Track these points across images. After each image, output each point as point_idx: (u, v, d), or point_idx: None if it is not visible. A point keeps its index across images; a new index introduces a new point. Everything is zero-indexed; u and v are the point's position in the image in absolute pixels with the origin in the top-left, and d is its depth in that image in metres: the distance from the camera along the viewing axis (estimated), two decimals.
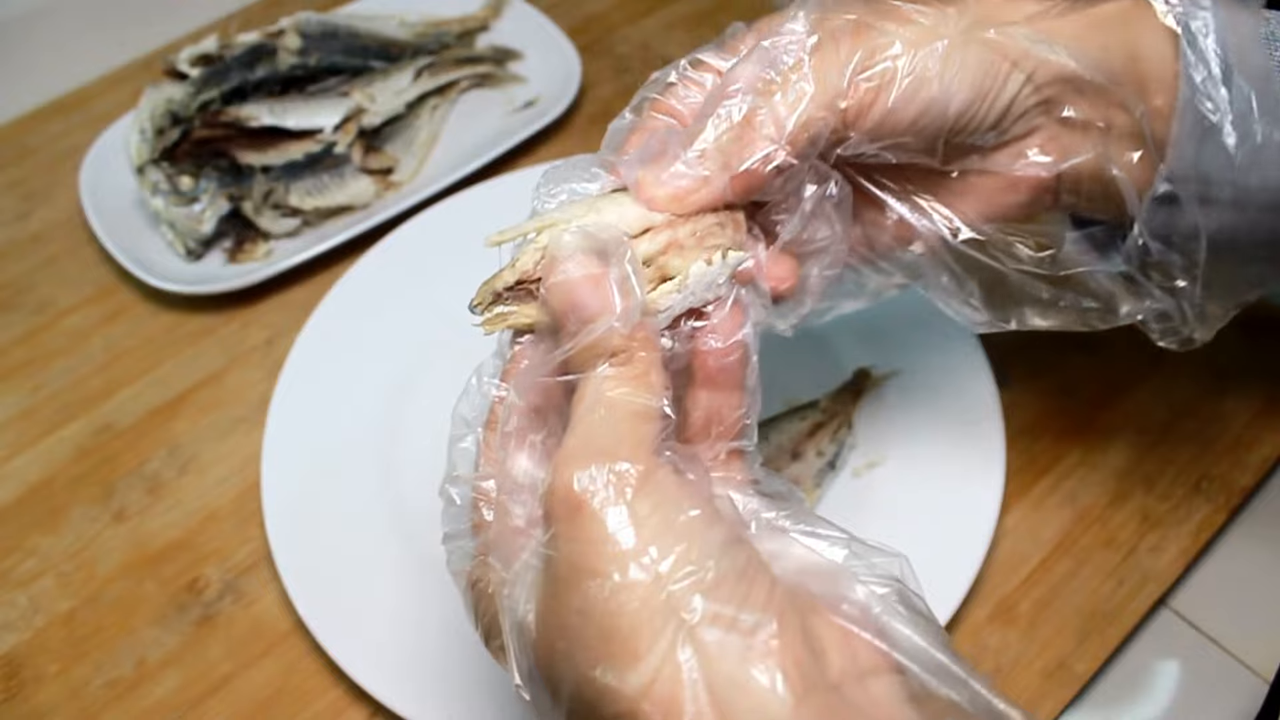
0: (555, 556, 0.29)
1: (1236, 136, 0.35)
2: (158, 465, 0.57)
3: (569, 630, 0.29)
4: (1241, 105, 0.35)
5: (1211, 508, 0.52)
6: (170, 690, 0.49)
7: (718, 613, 0.28)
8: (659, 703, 0.27)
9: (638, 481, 0.29)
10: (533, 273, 0.35)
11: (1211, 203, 0.36)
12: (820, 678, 0.28)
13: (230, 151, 0.65)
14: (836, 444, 0.52)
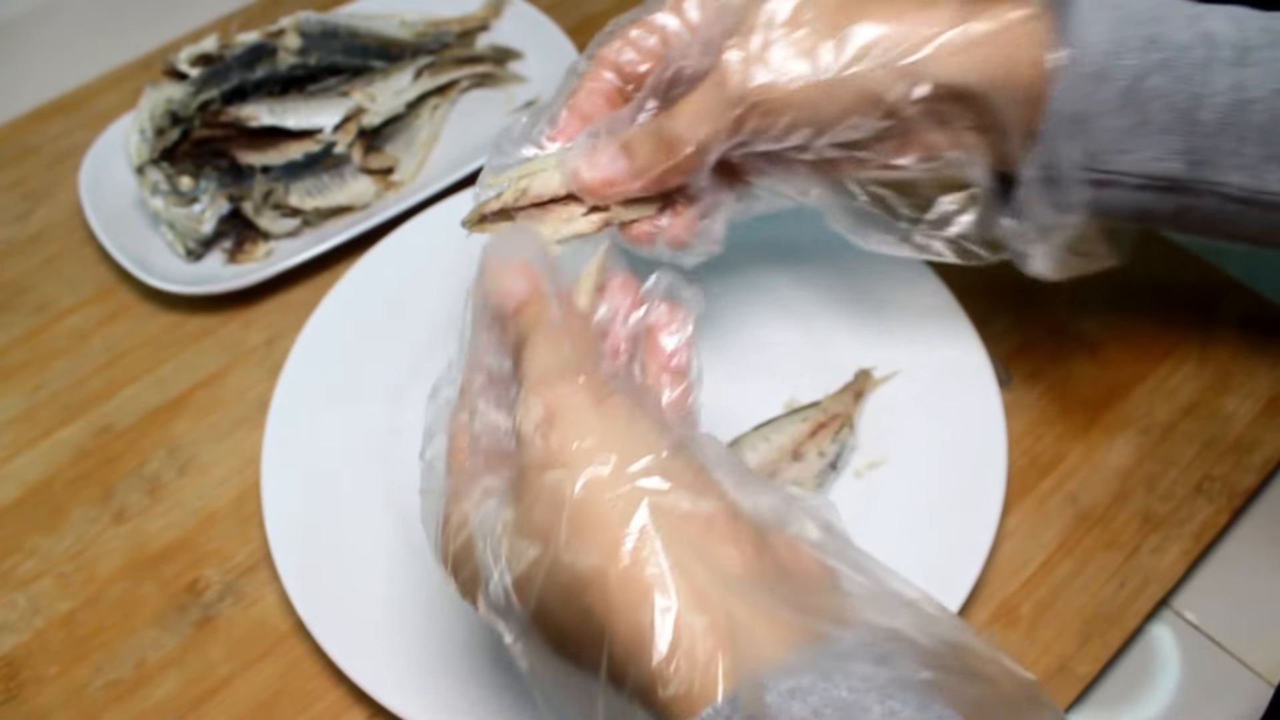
0: (528, 464, 0.33)
1: (1100, 132, 0.41)
2: (158, 466, 0.57)
3: (542, 526, 0.32)
4: (1110, 102, 0.40)
5: (1214, 509, 0.52)
6: (170, 692, 0.49)
7: (677, 499, 0.31)
8: (626, 577, 0.30)
9: (596, 395, 0.33)
10: (511, 203, 0.46)
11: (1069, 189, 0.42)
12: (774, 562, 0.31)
13: (230, 151, 0.65)
14: (838, 445, 0.52)
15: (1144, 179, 0.42)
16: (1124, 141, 0.41)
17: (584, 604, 0.31)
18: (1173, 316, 0.58)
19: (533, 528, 0.32)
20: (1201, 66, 0.40)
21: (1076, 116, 0.41)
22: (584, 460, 0.32)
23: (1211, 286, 0.60)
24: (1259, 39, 0.40)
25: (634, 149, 0.44)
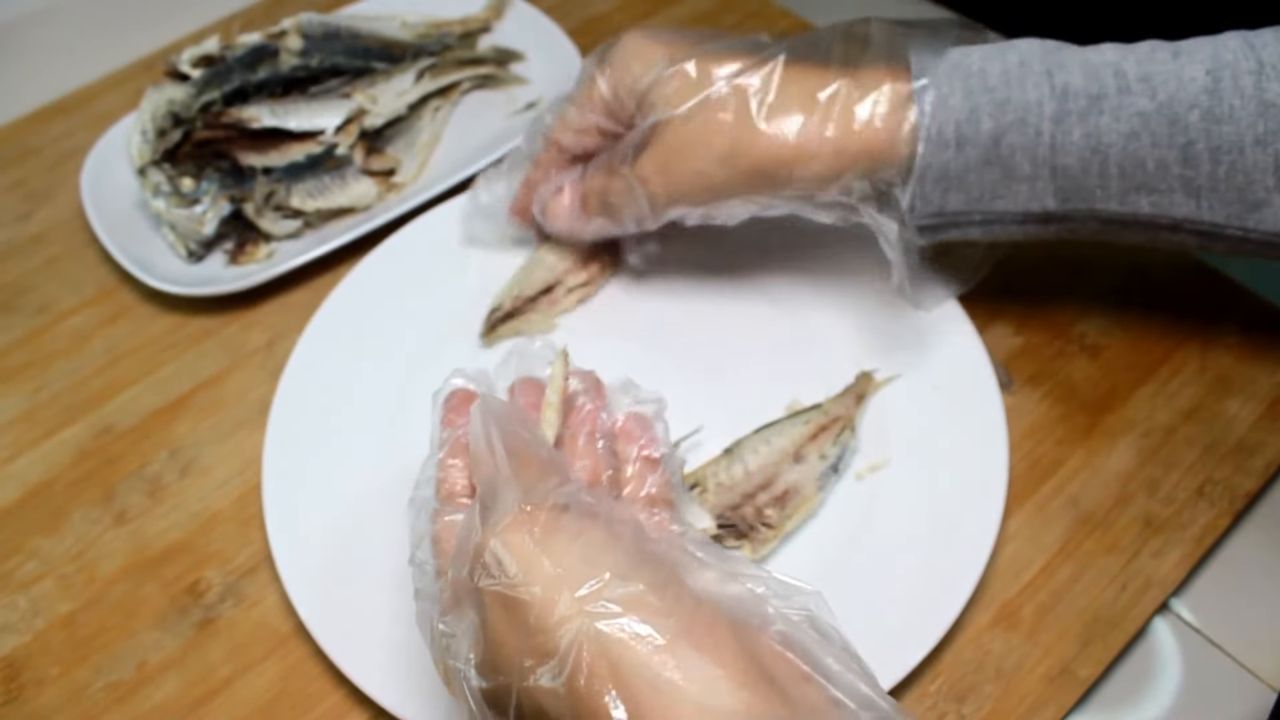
0: (486, 599, 0.35)
1: (972, 185, 0.47)
2: (159, 467, 0.57)
3: (504, 645, 0.34)
4: (974, 160, 0.46)
5: (1215, 512, 0.52)
6: (171, 693, 0.49)
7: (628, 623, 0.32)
8: (575, 689, 0.32)
9: (544, 524, 0.35)
10: (510, 309, 0.60)
11: (962, 226, 0.49)
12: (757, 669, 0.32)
13: (232, 153, 0.65)
14: (839, 447, 0.52)
15: (1022, 215, 0.48)
16: (996, 189, 0.47)
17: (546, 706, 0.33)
18: (1174, 320, 0.58)
19: (493, 658, 0.35)
20: (1054, 120, 0.45)
21: (942, 177, 0.47)
22: (534, 582, 0.34)
23: (1212, 290, 0.60)
24: (1111, 85, 0.44)
25: (587, 205, 0.56)
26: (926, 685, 0.47)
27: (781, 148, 0.48)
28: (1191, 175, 0.44)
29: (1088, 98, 0.45)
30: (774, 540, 0.50)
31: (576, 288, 0.60)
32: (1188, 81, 0.44)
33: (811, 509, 0.51)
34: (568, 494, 0.37)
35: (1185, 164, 0.44)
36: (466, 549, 0.36)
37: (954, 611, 0.47)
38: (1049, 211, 0.47)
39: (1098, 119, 0.44)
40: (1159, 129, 0.44)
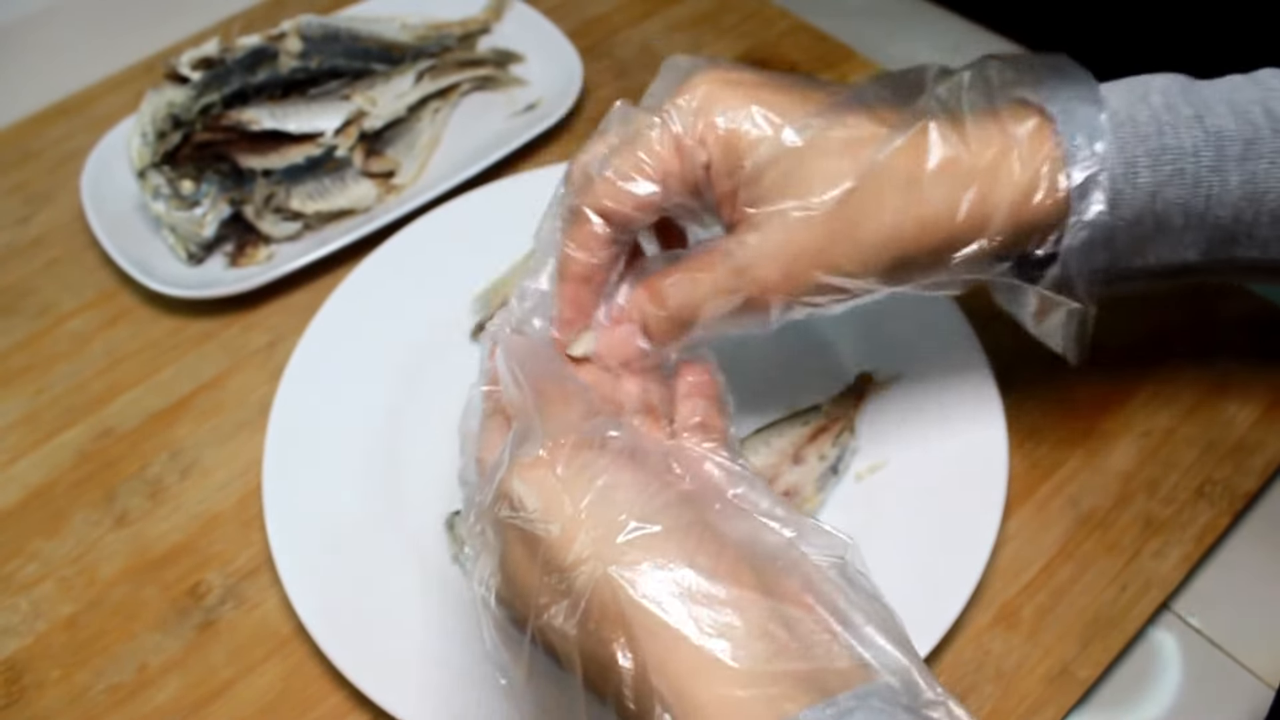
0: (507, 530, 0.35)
1: (1119, 243, 0.41)
2: (159, 470, 0.57)
3: (521, 580, 0.35)
4: (1127, 218, 0.41)
5: (1215, 512, 0.52)
6: (171, 695, 0.49)
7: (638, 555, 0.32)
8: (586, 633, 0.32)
9: (568, 461, 0.35)
10: None
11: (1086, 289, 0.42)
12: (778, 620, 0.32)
13: (231, 155, 0.65)
14: (839, 448, 0.52)
15: (1156, 270, 0.43)
16: (1142, 246, 0.42)
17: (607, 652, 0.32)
18: (1173, 320, 0.58)
19: (510, 590, 0.35)
20: (1212, 169, 0.40)
21: (1093, 241, 0.41)
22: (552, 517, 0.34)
23: (1212, 289, 0.60)
24: (1264, 126, 0.41)
25: (648, 326, 0.42)
26: None
27: (946, 229, 0.40)
28: None
29: (1243, 142, 0.40)
30: None
31: None
32: None
33: (811, 510, 0.51)
34: (595, 428, 0.36)
35: None
36: (493, 479, 0.36)
37: (954, 612, 0.47)
38: (1186, 264, 0.42)
39: (1255, 164, 0.40)
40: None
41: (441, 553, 0.51)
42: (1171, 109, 0.41)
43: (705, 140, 0.40)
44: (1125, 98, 0.41)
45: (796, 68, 0.75)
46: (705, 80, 0.40)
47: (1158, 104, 0.41)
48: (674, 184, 0.40)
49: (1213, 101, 0.41)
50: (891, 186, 0.39)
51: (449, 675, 0.47)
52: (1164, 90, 0.41)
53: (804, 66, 0.75)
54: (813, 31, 0.77)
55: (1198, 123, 0.41)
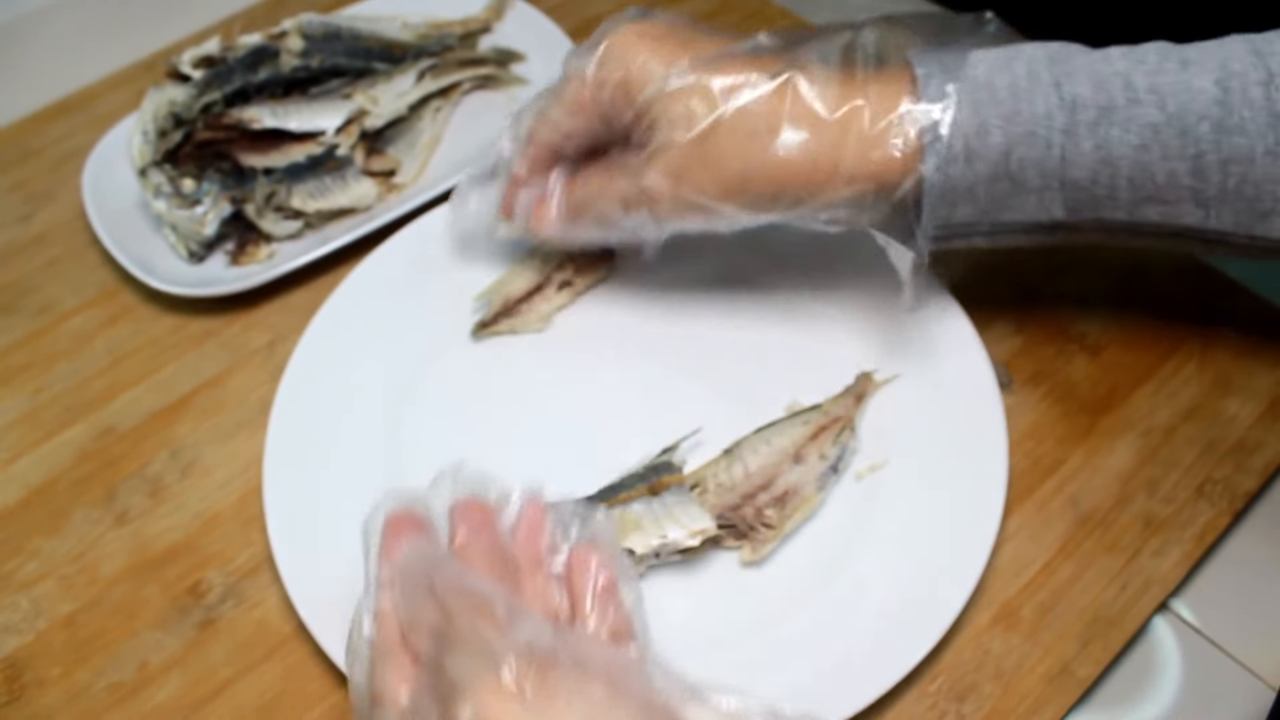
0: None
1: (980, 198, 0.46)
2: (160, 468, 0.57)
3: None
4: (984, 174, 0.46)
5: (1215, 511, 0.52)
6: (172, 694, 0.49)
7: None
8: None
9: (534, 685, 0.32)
10: (500, 308, 0.60)
11: (967, 236, 0.49)
12: None
13: (233, 154, 0.65)
14: (839, 447, 0.52)
15: (1030, 225, 0.48)
16: (1005, 201, 0.47)
17: None
18: (1174, 319, 0.58)
19: None
20: (1064, 132, 0.44)
21: (950, 191, 0.46)
22: None
23: (1212, 289, 0.60)
24: (1120, 96, 0.44)
25: (579, 212, 0.54)
26: (926, 685, 0.47)
27: (795, 173, 0.47)
28: (1201, 186, 0.44)
29: (1097, 109, 0.44)
30: (773, 540, 0.50)
31: (566, 285, 0.60)
32: (1197, 92, 0.43)
33: (811, 509, 0.51)
34: (546, 641, 0.33)
35: (1195, 175, 0.44)
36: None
37: (954, 611, 0.47)
38: (1056, 221, 0.47)
39: (1108, 131, 0.44)
40: (1169, 141, 0.43)
41: None
42: (1032, 76, 0.45)
43: (607, 82, 0.50)
44: (991, 65, 0.46)
45: None
46: (619, 33, 0.50)
47: (1020, 72, 0.45)
48: (588, 115, 0.52)
49: (1077, 72, 0.45)
50: (746, 130, 0.47)
51: None
52: (1031, 59, 0.46)
53: None
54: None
55: (1055, 89, 0.45)
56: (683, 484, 0.50)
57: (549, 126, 0.53)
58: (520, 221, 0.57)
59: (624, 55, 0.50)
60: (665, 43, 0.49)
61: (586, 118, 0.52)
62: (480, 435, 0.56)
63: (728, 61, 0.48)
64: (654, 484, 0.50)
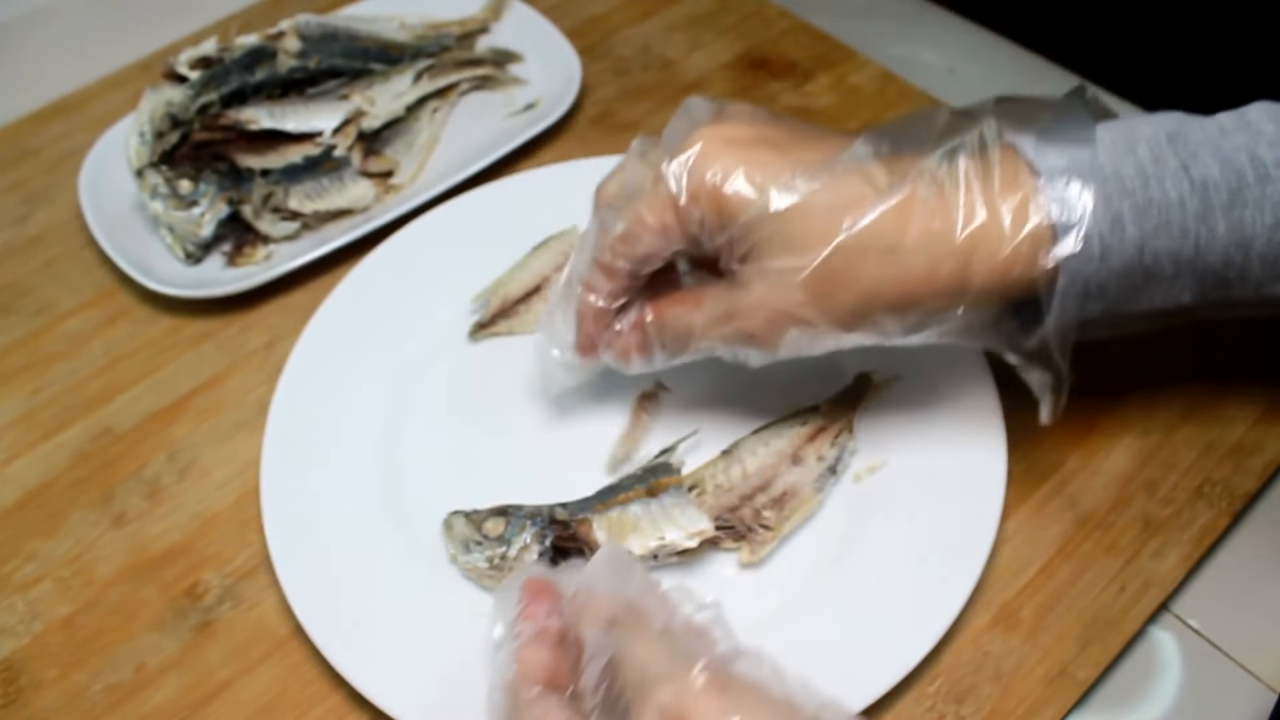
0: None
1: (1111, 293, 0.43)
2: (157, 469, 0.57)
3: None
4: (1117, 270, 0.42)
5: (1214, 513, 0.52)
6: (169, 696, 0.49)
7: None
8: None
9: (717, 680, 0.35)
10: (499, 310, 0.59)
11: (1089, 329, 0.44)
12: None
13: (230, 154, 0.65)
14: (838, 449, 0.52)
15: (1154, 313, 0.45)
16: (1135, 293, 0.43)
17: None
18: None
19: None
20: (1198, 219, 0.42)
21: (1085, 290, 0.42)
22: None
23: None
24: (1250, 174, 0.42)
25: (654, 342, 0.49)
26: (925, 686, 0.47)
27: (923, 296, 0.43)
28: None
29: (1229, 190, 0.42)
30: (772, 542, 0.50)
31: None
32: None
33: (810, 511, 0.51)
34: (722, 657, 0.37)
35: None
36: None
37: (953, 612, 0.47)
38: (1183, 306, 0.44)
39: (1241, 212, 0.42)
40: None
41: (439, 552, 0.51)
42: (1158, 160, 0.42)
43: (699, 199, 0.43)
44: (1112, 150, 0.42)
45: (796, 67, 0.75)
46: (704, 138, 0.44)
47: (1144, 155, 0.42)
48: (673, 237, 0.45)
49: (1199, 149, 0.42)
50: (870, 253, 0.42)
51: (447, 675, 0.47)
52: (1151, 140, 0.43)
53: (803, 66, 0.75)
54: (812, 31, 0.77)
55: (1184, 173, 0.42)
56: (681, 485, 0.50)
57: (627, 251, 0.46)
58: (605, 357, 0.50)
59: (715, 167, 0.43)
60: (759, 150, 0.44)
61: (669, 240, 0.45)
62: (477, 436, 0.56)
63: (836, 173, 0.43)
64: (652, 485, 0.50)
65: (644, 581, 0.40)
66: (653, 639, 0.37)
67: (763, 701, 0.35)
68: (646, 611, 0.38)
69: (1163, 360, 0.57)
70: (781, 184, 0.42)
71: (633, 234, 0.45)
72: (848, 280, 0.42)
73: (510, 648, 0.41)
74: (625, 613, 0.38)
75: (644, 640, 0.37)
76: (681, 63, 0.76)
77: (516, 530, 0.49)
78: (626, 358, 0.49)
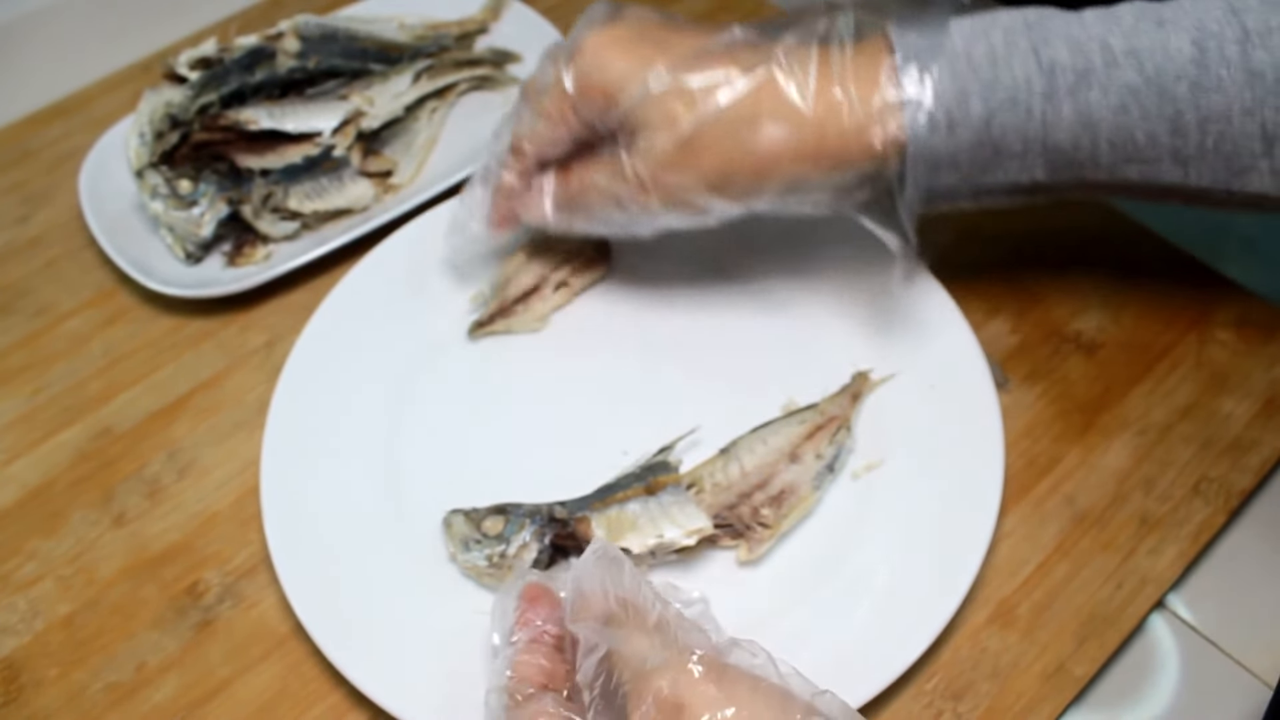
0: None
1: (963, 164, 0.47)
2: (157, 469, 0.57)
3: None
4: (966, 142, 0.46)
5: (1211, 510, 0.52)
6: (169, 694, 0.49)
7: None
8: None
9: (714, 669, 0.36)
10: (497, 309, 0.60)
11: (951, 200, 0.49)
12: None
13: (229, 155, 0.65)
14: (835, 447, 0.52)
15: (1011, 186, 0.48)
16: (987, 166, 0.47)
17: None
18: (1170, 317, 0.59)
19: None
20: (1044, 97, 0.45)
21: (933, 161, 0.47)
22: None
23: (1208, 288, 0.60)
24: (1098, 59, 0.44)
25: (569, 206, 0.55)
26: (923, 683, 0.47)
27: (778, 165, 0.48)
28: (1180, 145, 0.45)
29: (1075, 73, 0.45)
30: (770, 540, 0.50)
31: (562, 286, 0.60)
32: (1174, 53, 0.44)
33: (808, 509, 0.51)
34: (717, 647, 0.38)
35: (1174, 135, 0.45)
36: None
37: (950, 609, 0.47)
38: (1038, 183, 0.48)
39: (1087, 94, 0.45)
40: (1148, 102, 0.44)
41: (439, 551, 0.51)
42: (1010, 44, 0.46)
43: (587, 93, 0.50)
44: (967, 34, 0.46)
45: None
46: (594, 40, 0.50)
47: (997, 39, 0.46)
48: (571, 124, 0.52)
49: (1054, 37, 0.45)
50: (731, 124, 0.47)
51: (447, 674, 0.47)
52: (1008, 26, 0.46)
53: None
54: None
55: (1033, 55, 0.45)
56: (679, 484, 0.50)
57: (534, 138, 0.54)
58: (513, 225, 0.58)
59: (600, 63, 0.50)
60: (640, 46, 0.50)
61: (569, 127, 0.52)
62: (477, 435, 0.56)
63: (704, 59, 0.49)
64: (650, 484, 0.50)
65: (635, 575, 0.40)
66: (648, 631, 0.37)
67: (758, 690, 0.35)
68: (641, 605, 0.38)
69: (1160, 358, 0.57)
70: (655, 72, 0.48)
71: (538, 125, 0.53)
72: (712, 148, 0.48)
73: (506, 653, 0.41)
74: (619, 608, 0.39)
75: (640, 633, 0.37)
76: None
77: (515, 529, 0.49)
78: (530, 210, 0.56)
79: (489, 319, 0.59)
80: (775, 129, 0.47)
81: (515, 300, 0.60)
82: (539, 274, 0.60)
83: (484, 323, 0.59)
